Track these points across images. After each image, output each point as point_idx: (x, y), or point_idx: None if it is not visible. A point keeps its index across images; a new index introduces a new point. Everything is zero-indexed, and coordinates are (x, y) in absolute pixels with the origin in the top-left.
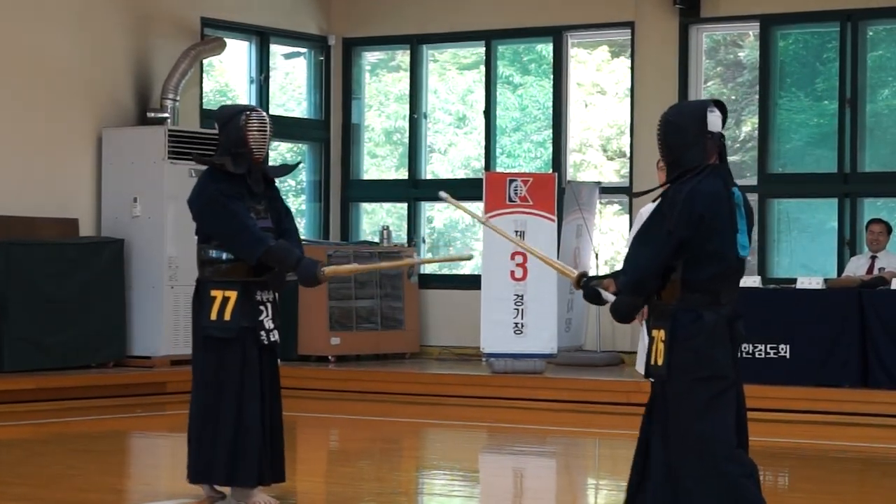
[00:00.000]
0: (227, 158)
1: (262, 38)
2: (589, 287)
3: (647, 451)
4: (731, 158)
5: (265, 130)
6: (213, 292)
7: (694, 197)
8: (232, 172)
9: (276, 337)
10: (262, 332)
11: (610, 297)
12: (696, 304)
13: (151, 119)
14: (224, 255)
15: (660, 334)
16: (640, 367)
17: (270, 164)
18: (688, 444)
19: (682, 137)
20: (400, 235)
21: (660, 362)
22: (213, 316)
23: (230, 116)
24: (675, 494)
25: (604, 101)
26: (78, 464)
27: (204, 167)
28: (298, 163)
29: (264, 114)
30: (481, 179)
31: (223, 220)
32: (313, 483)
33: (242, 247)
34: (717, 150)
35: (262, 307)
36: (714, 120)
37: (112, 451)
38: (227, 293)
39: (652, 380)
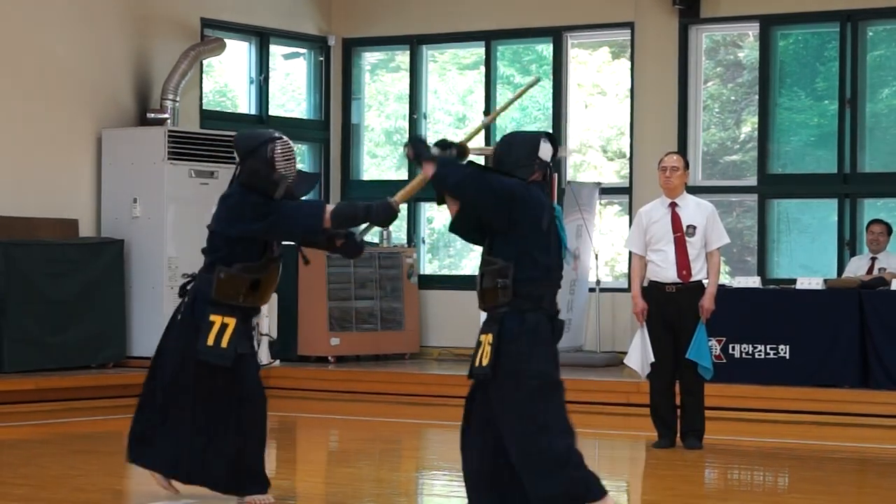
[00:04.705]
0: (272, 185)
1: (262, 38)
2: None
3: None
4: (730, 158)
5: (292, 157)
6: (213, 317)
7: (526, 193)
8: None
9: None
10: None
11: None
12: (522, 308)
13: (151, 120)
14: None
15: (487, 338)
16: (632, 363)
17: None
18: (518, 433)
19: (515, 157)
20: (400, 236)
21: (485, 363)
22: (211, 342)
23: (257, 146)
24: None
25: (604, 101)
26: (78, 464)
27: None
28: (318, 175)
29: (288, 140)
30: None
31: (274, 214)
32: (313, 483)
33: (306, 220)
34: (542, 174)
35: (252, 332)
36: (545, 149)
37: (112, 452)
38: (227, 320)
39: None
